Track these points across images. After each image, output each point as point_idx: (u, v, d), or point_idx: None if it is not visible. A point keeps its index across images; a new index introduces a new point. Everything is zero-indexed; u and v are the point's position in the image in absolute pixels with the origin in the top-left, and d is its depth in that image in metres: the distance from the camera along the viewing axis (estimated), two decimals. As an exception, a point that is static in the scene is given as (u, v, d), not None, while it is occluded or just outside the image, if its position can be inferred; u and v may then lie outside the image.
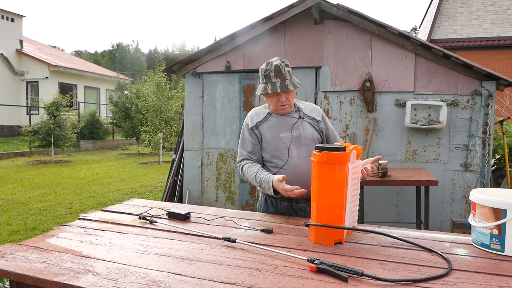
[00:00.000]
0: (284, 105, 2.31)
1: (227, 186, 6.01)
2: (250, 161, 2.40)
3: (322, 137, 2.43)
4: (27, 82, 20.41)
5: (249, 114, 2.50)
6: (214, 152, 6.04)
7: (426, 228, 4.23)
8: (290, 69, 2.30)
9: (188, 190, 6.15)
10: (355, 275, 1.41)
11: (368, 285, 1.36)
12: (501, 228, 1.63)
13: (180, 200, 6.23)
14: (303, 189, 2.05)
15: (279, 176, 2.14)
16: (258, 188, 2.39)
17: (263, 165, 2.43)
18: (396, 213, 5.22)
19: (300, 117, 2.38)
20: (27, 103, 19.74)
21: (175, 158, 6.45)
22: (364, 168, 2.13)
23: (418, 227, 4.49)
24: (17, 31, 20.88)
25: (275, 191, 2.19)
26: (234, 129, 5.92)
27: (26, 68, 20.36)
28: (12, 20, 20.70)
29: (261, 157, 2.44)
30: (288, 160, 2.32)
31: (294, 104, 2.42)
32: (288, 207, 2.39)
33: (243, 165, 2.41)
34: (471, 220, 1.78)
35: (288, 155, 2.32)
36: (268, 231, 1.95)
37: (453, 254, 1.66)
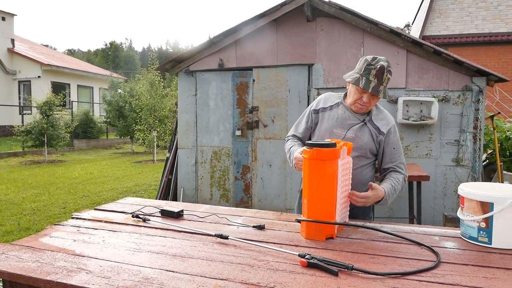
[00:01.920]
0: (363, 106, 2.18)
1: (221, 183, 6.02)
2: (295, 139, 2.41)
3: (377, 150, 2.26)
4: (19, 82, 20.28)
5: (320, 96, 2.42)
6: (208, 150, 6.05)
7: (419, 222, 4.28)
8: (390, 77, 2.17)
9: (182, 188, 6.16)
10: (346, 269, 1.43)
11: (358, 278, 1.38)
12: (489, 221, 1.66)
13: (175, 199, 6.24)
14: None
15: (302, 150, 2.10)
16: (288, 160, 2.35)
17: None
18: (389, 208, 5.26)
19: (364, 121, 2.23)
20: (19, 102, 19.63)
21: (169, 156, 6.46)
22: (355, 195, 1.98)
23: (411, 222, 4.53)
24: (9, 30, 20.74)
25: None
26: (228, 127, 5.93)
27: (18, 68, 20.23)
28: (3, 19, 20.55)
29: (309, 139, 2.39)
30: None
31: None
32: None
33: (288, 140, 2.44)
34: (459, 213, 1.80)
35: None
36: (261, 227, 1.97)
37: (442, 247, 1.68)
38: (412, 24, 21.44)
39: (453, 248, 1.67)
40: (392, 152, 2.25)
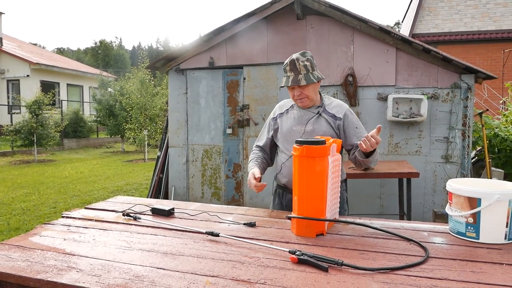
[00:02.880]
0: (301, 98, 2.35)
1: (212, 182, 6.02)
2: (258, 149, 2.61)
3: (338, 135, 2.39)
4: (8, 81, 20.04)
5: (277, 105, 2.63)
6: (199, 149, 6.04)
7: (409, 219, 4.31)
8: (309, 63, 2.31)
9: (173, 187, 6.14)
10: (335, 265, 1.44)
11: (348, 274, 1.40)
12: (476, 216, 1.69)
13: (166, 197, 6.23)
14: (263, 184, 2.23)
15: (256, 172, 2.32)
16: None
17: (277, 153, 2.55)
18: (379, 205, 5.30)
19: (318, 113, 2.39)
20: (8, 102, 19.40)
21: (160, 155, 6.44)
22: (370, 136, 2.11)
23: (401, 218, 4.57)
24: (-4, 29, 20.50)
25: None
26: (219, 125, 5.93)
27: (7, 66, 19.99)
28: (-9, 17, 20.31)
29: (275, 149, 2.59)
30: None
31: (321, 99, 2.45)
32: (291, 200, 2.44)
33: (252, 151, 2.64)
34: (448, 209, 1.83)
35: None
36: (252, 224, 1.97)
37: (431, 242, 1.71)
38: (402, 22, 21.57)
39: (442, 243, 1.70)
40: (356, 131, 2.41)
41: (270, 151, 2.61)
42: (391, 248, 1.65)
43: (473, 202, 1.69)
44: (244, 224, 1.99)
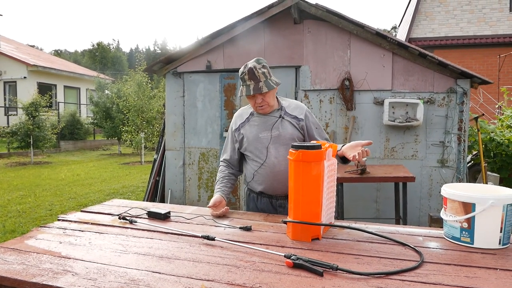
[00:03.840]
0: (262, 106, 2.35)
1: (209, 185, 6.02)
2: (225, 165, 2.59)
3: (303, 135, 2.44)
4: (5, 82, 20.00)
5: (234, 115, 2.59)
6: (195, 152, 6.04)
7: (405, 223, 4.33)
8: (266, 70, 2.31)
9: (170, 190, 6.14)
10: (330, 270, 1.45)
11: (343, 278, 1.40)
12: (471, 221, 1.69)
13: (162, 200, 6.22)
14: (222, 211, 2.25)
15: (218, 198, 2.35)
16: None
17: (246, 161, 2.52)
18: (376, 209, 5.32)
19: (280, 116, 2.40)
20: (4, 104, 19.34)
21: (157, 158, 6.44)
22: (357, 153, 2.09)
23: (397, 222, 4.59)
24: (-6, 30, 20.43)
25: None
26: (216, 129, 5.93)
27: (3, 68, 19.95)
28: (-12, 19, 20.26)
29: (242, 157, 2.57)
30: (266, 159, 2.37)
31: (278, 103, 2.46)
32: (268, 203, 2.47)
33: (220, 166, 2.62)
34: (442, 214, 1.84)
35: (266, 155, 2.37)
36: (247, 228, 1.98)
37: (425, 247, 1.71)
38: (399, 26, 21.67)
39: (436, 248, 1.70)
40: (317, 131, 2.47)
41: (238, 163, 2.60)
42: (386, 252, 1.65)
43: (468, 207, 1.70)
44: (240, 228, 1.99)
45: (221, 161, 2.63)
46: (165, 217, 2.18)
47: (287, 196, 2.35)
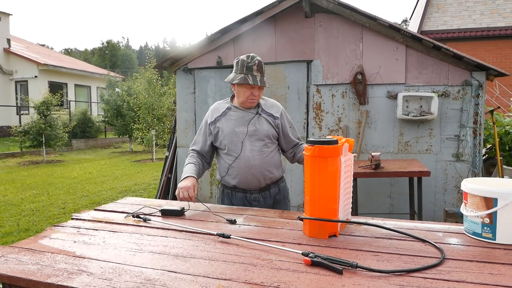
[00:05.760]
0: (255, 99, 2.43)
1: (221, 182, 6.00)
2: (195, 154, 2.62)
3: (278, 133, 2.52)
4: (16, 82, 20.21)
5: (210, 108, 2.63)
6: (207, 148, 6.02)
7: (420, 218, 4.27)
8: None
9: (182, 187, 6.13)
10: (350, 267, 1.41)
11: (363, 276, 1.37)
12: (492, 216, 1.65)
13: (175, 198, 6.22)
14: (189, 199, 2.30)
15: (192, 181, 2.38)
16: None
17: (219, 156, 2.58)
18: (390, 204, 5.26)
19: (257, 113, 2.48)
20: (16, 103, 19.55)
21: (168, 155, 6.44)
22: None
23: (412, 217, 4.53)
24: (5, 30, 20.66)
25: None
26: (227, 125, 5.90)
27: (15, 68, 20.16)
28: (-1, 18, 20.47)
29: (212, 151, 2.64)
30: (241, 153, 2.43)
31: None
32: (243, 198, 2.53)
33: (188, 154, 2.65)
34: (463, 209, 1.79)
35: (241, 149, 2.43)
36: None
37: (446, 243, 1.67)
38: (410, 19, 21.41)
39: (457, 244, 1.66)
40: (291, 131, 2.57)
41: (208, 155, 2.63)
42: (405, 249, 1.61)
43: (489, 202, 1.65)
44: (255, 225, 1.97)
45: (190, 150, 2.65)
46: (179, 214, 2.16)
47: (261, 190, 2.52)
